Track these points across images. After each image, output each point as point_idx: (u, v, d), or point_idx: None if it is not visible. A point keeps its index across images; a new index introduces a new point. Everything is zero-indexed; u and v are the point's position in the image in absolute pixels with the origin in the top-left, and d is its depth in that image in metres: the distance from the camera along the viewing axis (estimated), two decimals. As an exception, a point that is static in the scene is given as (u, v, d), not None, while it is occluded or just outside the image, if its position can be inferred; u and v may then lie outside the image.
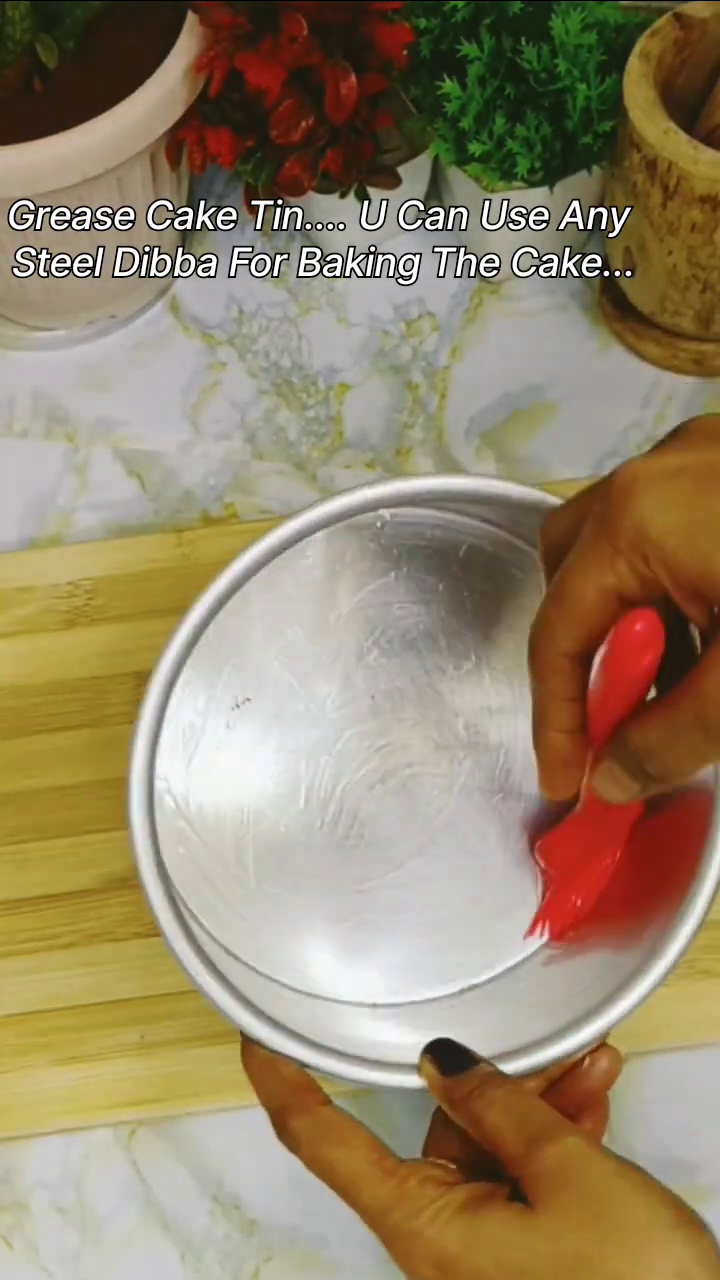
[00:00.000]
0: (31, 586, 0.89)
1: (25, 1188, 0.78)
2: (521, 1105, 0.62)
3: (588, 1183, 0.59)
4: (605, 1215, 0.58)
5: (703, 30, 0.85)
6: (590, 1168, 0.59)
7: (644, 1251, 0.57)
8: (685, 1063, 0.79)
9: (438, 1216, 0.59)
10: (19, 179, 0.83)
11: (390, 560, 0.77)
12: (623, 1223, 0.58)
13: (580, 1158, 0.59)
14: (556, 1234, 0.58)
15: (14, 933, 0.81)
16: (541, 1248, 0.58)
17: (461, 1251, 0.58)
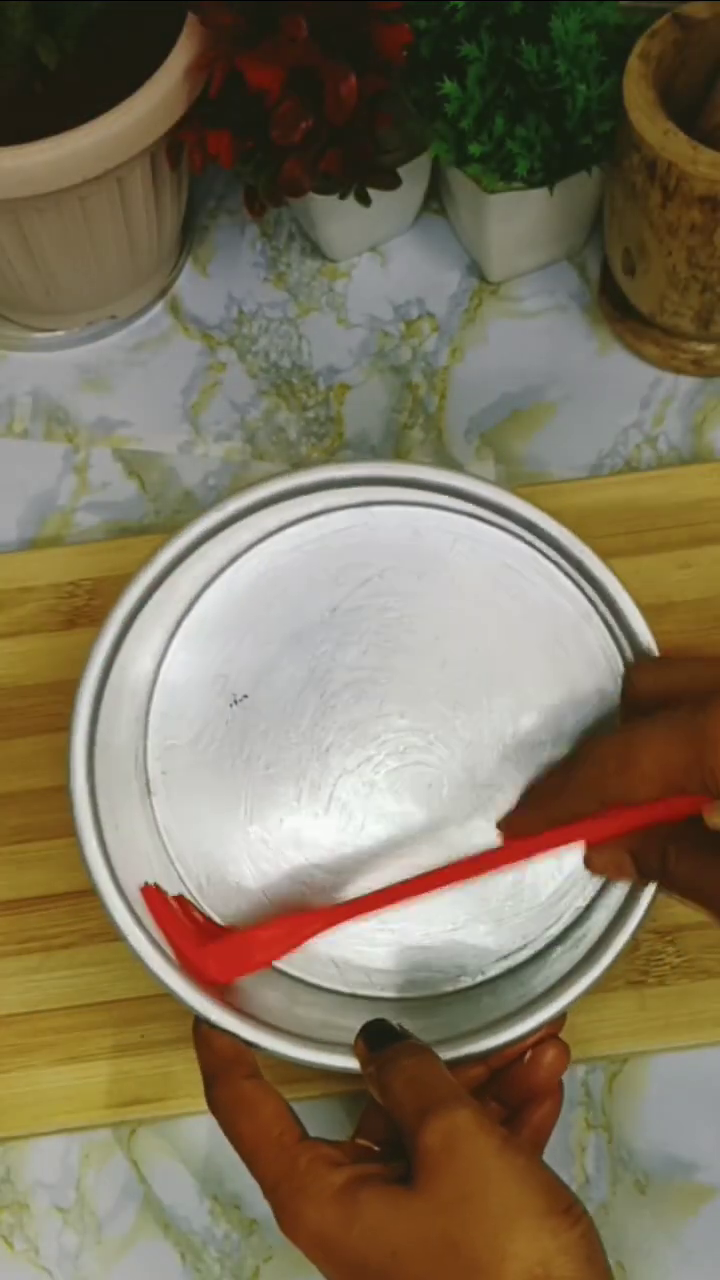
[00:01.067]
0: (31, 586, 0.89)
1: (25, 1188, 0.78)
2: (424, 1075, 0.63)
3: (465, 1163, 0.59)
4: (475, 1199, 0.58)
5: (702, 31, 0.85)
6: (470, 1145, 0.60)
7: (506, 1238, 0.58)
8: (685, 1063, 0.79)
9: (317, 1197, 0.60)
10: (19, 179, 0.82)
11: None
12: (489, 1209, 0.58)
13: (465, 1134, 0.60)
14: (427, 1216, 0.58)
15: (14, 933, 0.81)
16: (412, 1229, 0.58)
17: (340, 1233, 0.59)
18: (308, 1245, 0.60)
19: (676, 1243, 0.76)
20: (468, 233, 0.98)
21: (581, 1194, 0.77)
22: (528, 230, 0.95)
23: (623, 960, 0.78)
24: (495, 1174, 0.59)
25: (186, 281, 1.01)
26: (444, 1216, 0.58)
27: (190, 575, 0.76)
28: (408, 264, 1.01)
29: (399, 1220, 0.59)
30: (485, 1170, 0.59)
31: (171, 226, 0.96)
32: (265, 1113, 0.64)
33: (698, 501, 0.90)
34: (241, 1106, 0.65)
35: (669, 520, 0.89)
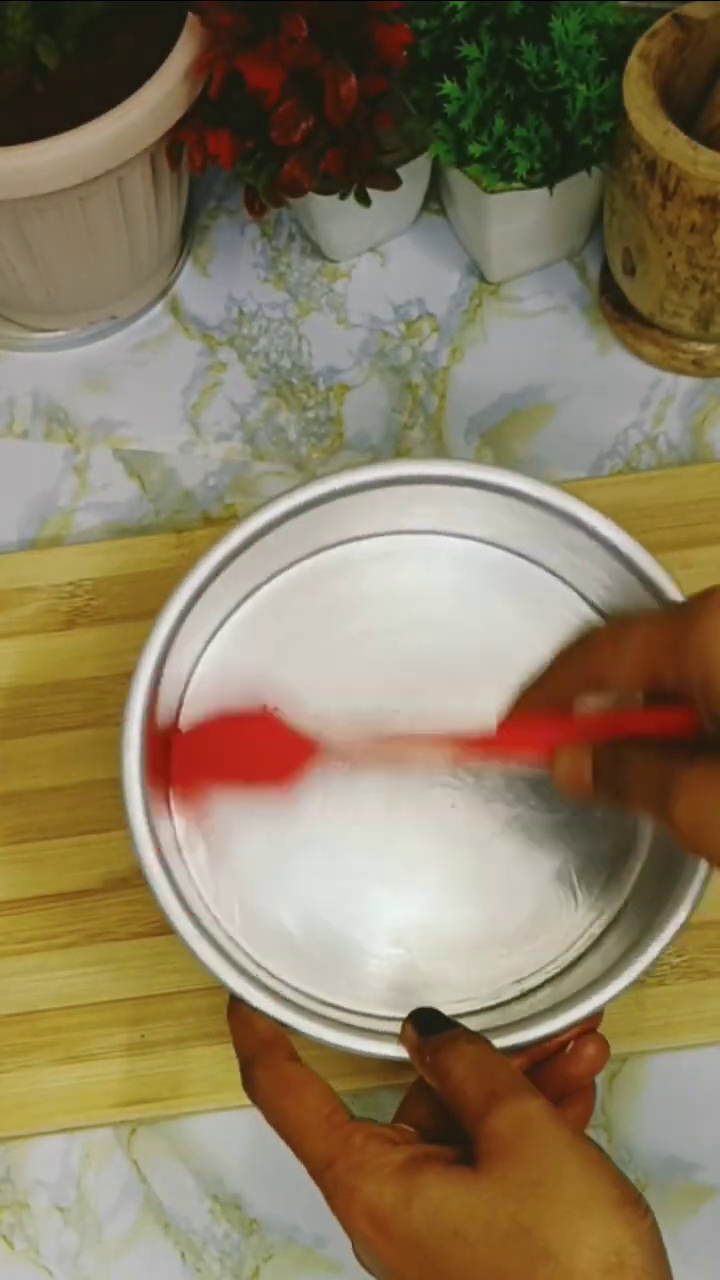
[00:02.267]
0: (32, 587, 0.89)
1: (26, 1187, 0.78)
2: (489, 1063, 0.62)
3: (537, 1150, 0.58)
4: (547, 1186, 0.58)
5: (702, 31, 0.85)
6: (543, 1134, 0.59)
7: (580, 1228, 0.57)
8: (686, 1062, 0.79)
9: (377, 1173, 0.59)
10: (19, 180, 0.82)
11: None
12: (563, 1196, 0.57)
13: (536, 1123, 0.59)
14: (495, 1200, 0.58)
15: (15, 932, 0.82)
16: (478, 1212, 0.58)
17: (398, 1210, 0.58)
18: (363, 1223, 0.59)
19: (676, 1243, 0.75)
20: (468, 233, 0.98)
21: (581, 1194, 0.77)
22: (528, 230, 0.95)
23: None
24: (569, 1163, 0.58)
25: (186, 282, 1.01)
26: (513, 1201, 0.57)
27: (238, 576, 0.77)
28: (408, 264, 1.01)
29: (463, 1201, 0.58)
30: (558, 1159, 0.58)
31: (171, 227, 0.96)
32: (311, 1093, 0.63)
33: (697, 502, 0.90)
34: (285, 1087, 0.64)
35: (669, 520, 0.89)
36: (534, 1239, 0.57)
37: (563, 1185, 0.58)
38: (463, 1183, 0.58)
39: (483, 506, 0.77)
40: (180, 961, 0.73)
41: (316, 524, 0.77)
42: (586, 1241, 0.56)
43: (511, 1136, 0.59)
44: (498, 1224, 0.57)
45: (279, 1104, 0.64)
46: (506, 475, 0.76)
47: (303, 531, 0.77)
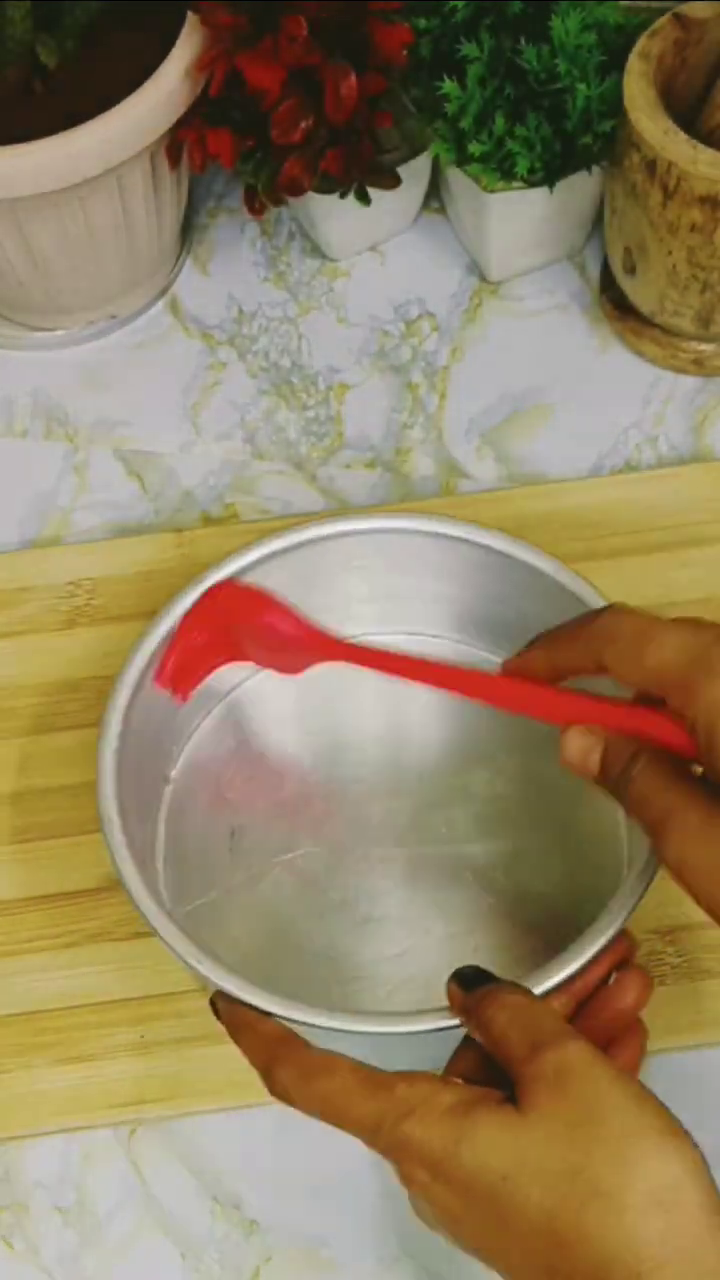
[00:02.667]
0: (32, 586, 0.89)
1: (25, 1188, 0.78)
2: (532, 1011, 0.62)
3: (581, 1089, 0.58)
4: (595, 1122, 0.57)
5: (702, 30, 0.86)
6: (588, 1074, 0.58)
7: (629, 1162, 0.56)
8: (686, 1063, 0.79)
9: (425, 1117, 0.59)
10: (19, 179, 0.83)
11: None
12: (611, 1132, 0.57)
13: (581, 1064, 0.59)
14: (543, 1139, 0.57)
15: (15, 932, 0.81)
16: (528, 1152, 0.57)
17: (451, 1152, 0.58)
18: (420, 1171, 0.59)
19: (677, 1243, 0.76)
20: (468, 232, 0.98)
21: (582, 1194, 0.77)
22: (528, 230, 0.95)
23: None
24: (614, 1099, 0.58)
25: (186, 281, 1.01)
26: (561, 1141, 0.57)
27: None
28: (408, 263, 1.01)
29: (511, 1142, 0.57)
30: (603, 1096, 0.58)
31: (171, 226, 0.96)
32: (343, 1067, 0.62)
33: (698, 501, 0.90)
34: (314, 1071, 0.63)
35: (669, 520, 0.89)
36: (585, 1177, 0.56)
37: (610, 1121, 0.57)
38: (510, 1125, 0.58)
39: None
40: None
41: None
42: (638, 1175, 0.56)
43: (556, 1079, 0.58)
44: (547, 1164, 0.57)
45: (312, 1088, 0.63)
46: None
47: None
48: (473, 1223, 0.58)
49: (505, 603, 0.80)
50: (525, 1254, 0.57)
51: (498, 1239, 0.58)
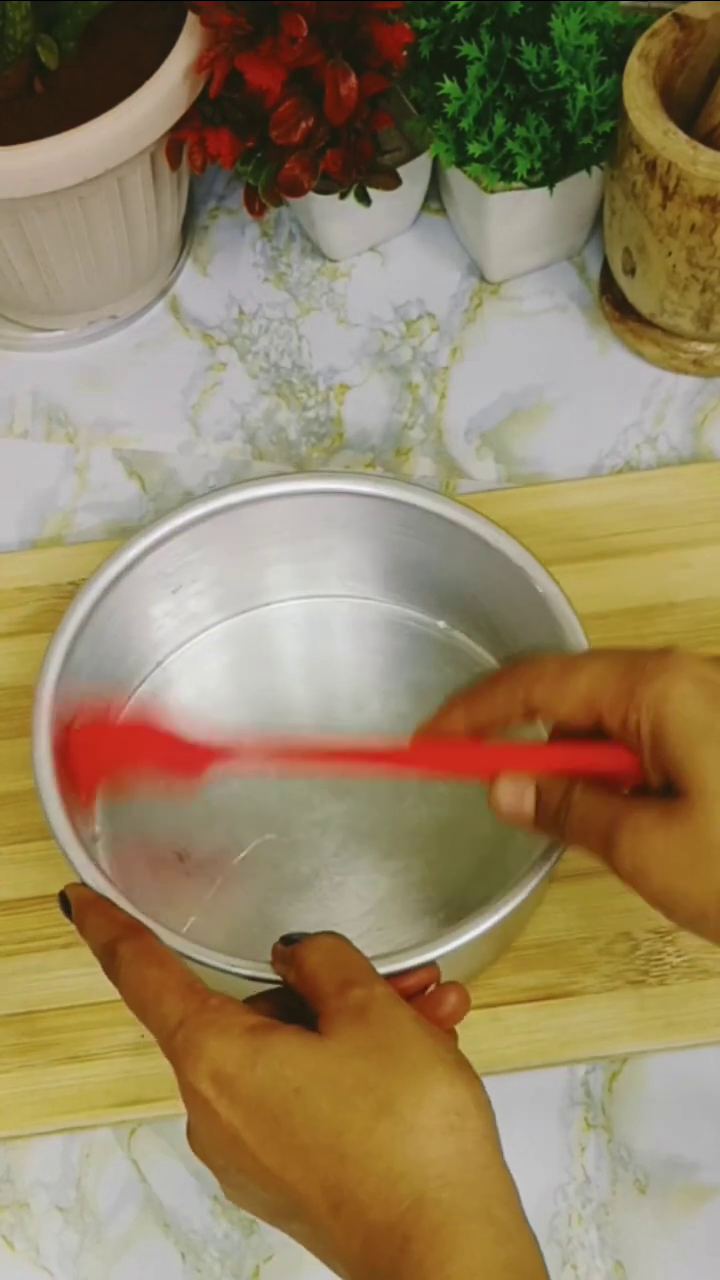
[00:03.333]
0: (32, 586, 0.89)
1: (26, 1187, 0.78)
2: (343, 953, 0.63)
3: (383, 1020, 0.60)
4: (392, 1049, 0.59)
5: (702, 31, 0.85)
6: (389, 1009, 0.60)
7: (423, 1085, 0.58)
8: (686, 1062, 0.79)
9: (226, 1031, 0.60)
10: (19, 179, 0.83)
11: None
12: (407, 1057, 0.58)
13: (383, 1000, 0.60)
14: (340, 1058, 0.58)
15: (14, 933, 0.81)
16: (323, 1069, 0.58)
17: (243, 1068, 0.59)
18: (206, 1083, 0.59)
19: (676, 1242, 0.76)
20: (468, 232, 0.98)
21: (581, 1194, 0.77)
22: (528, 230, 0.95)
23: (623, 958, 0.79)
24: (411, 1032, 0.60)
25: (187, 281, 1.01)
26: (359, 1059, 0.58)
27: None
28: (408, 264, 1.01)
29: (308, 1058, 0.59)
30: (401, 1028, 0.60)
31: (171, 226, 0.96)
32: (176, 967, 0.64)
33: (698, 501, 0.90)
34: (151, 956, 0.64)
35: (669, 520, 0.89)
36: (377, 1094, 0.57)
37: (407, 1048, 0.59)
38: (309, 1043, 0.59)
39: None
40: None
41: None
42: (430, 1097, 0.58)
43: (358, 1010, 0.60)
44: (341, 1080, 0.58)
45: (143, 971, 0.64)
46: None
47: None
48: (253, 1140, 0.59)
49: (430, 561, 0.81)
50: (307, 1170, 0.58)
51: (274, 1156, 0.58)
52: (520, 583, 0.76)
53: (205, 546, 0.80)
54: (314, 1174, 0.57)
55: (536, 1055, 0.78)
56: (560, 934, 0.80)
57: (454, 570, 0.80)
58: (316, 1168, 0.57)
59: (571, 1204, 0.77)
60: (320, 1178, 0.57)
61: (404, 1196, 0.56)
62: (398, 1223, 0.56)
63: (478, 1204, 0.56)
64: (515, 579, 0.76)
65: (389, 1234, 0.56)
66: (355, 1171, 0.57)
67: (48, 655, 0.76)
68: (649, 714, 0.61)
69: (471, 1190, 0.57)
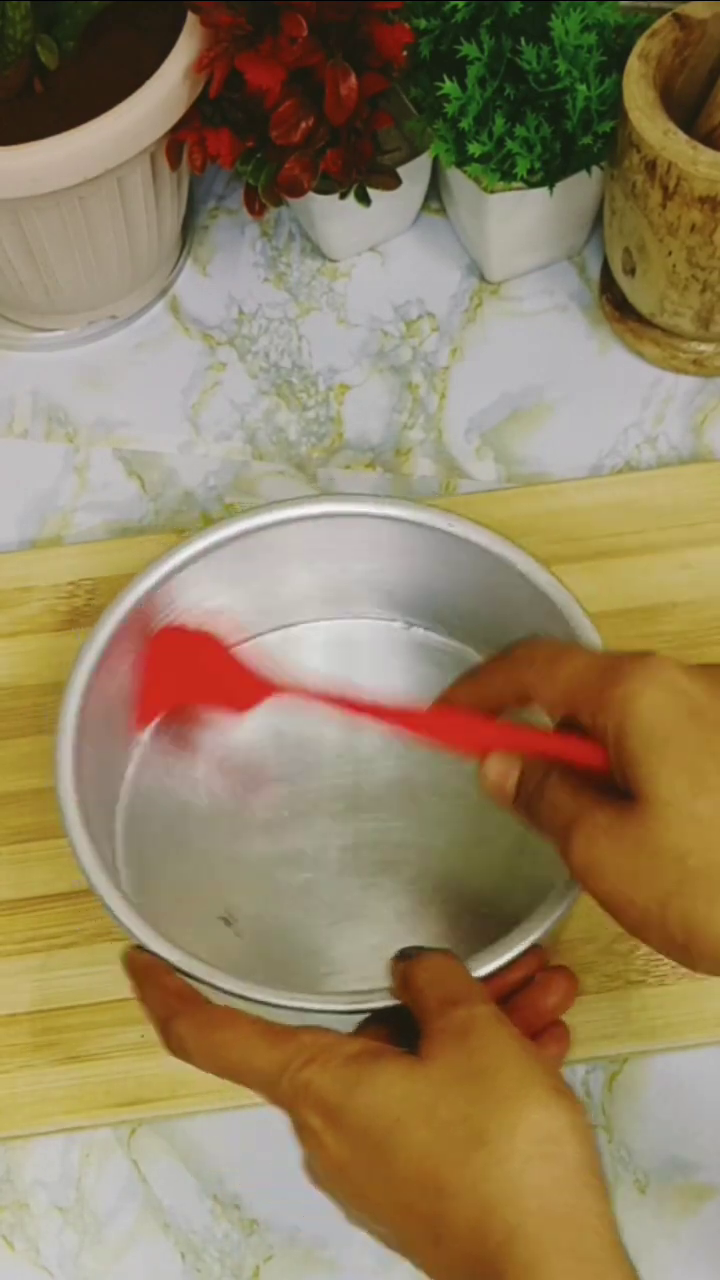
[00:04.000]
0: (32, 586, 0.89)
1: (25, 1187, 0.78)
2: (448, 970, 0.63)
3: (480, 1042, 0.59)
4: (489, 1074, 0.58)
5: (702, 31, 0.85)
6: (489, 1030, 0.60)
7: (517, 1111, 0.58)
8: (686, 1062, 0.79)
9: (328, 1064, 0.60)
10: (19, 179, 0.82)
11: None
12: (503, 1083, 0.58)
13: (484, 1021, 0.60)
14: (436, 1086, 0.58)
15: (14, 933, 0.81)
16: (420, 1099, 0.58)
17: (345, 1098, 0.59)
18: (314, 1116, 0.59)
19: (676, 1242, 0.76)
20: (468, 232, 0.98)
21: (582, 1194, 0.77)
22: (528, 230, 0.94)
23: (623, 959, 0.79)
24: (510, 1055, 0.59)
25: (186, 281, 1.01)
26: (454, 1088, 0.58)
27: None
28: (408, 264, 1.01)
29: (406, 1088, 0.59)
30: (500, 1050, 0.59)
31: (171, 226, 0.96)
32: (243, 1020, 0.63)
33: (698, 502, 0.90)
34: (213, 1023, 0.64)
35: (669, 520, 0.89)
36: (471, 1125, 0.57)
37: (503, 1073, 0.59)
38: (408, 1072, 0.59)
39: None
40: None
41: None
42: (524, 1124, 0.57)
43: (459, 1032, 0.60)
44: (438, 1111, 0.58)
45: (214, 1038, 0.63)
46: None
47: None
48: (357, 1171, 0.59)
49: (452, 584, 0.81)
50: (405, 1203, 0.58)
51: (380, 1188, 0.58)
52: (545, 607, 0.76)
53: (228, 569, 0.80)
54: (415, 1206, 0.58)
55: (537, 1055, 0.78)
56: (560, 934, 0.80)
57: (475, 593, 0.80)
58: (417, 1200, 0.57)
59: (571, 1204, 0.76)
60: (421, 1210, 0.57)
61: (496, 1230, 0.56)
62: (493, 1258, 0.56)
63: (570, 1239, 0.56)
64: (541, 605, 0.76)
65: (486, 1269, 0.56)
66: (452, 1204, 0.57)
67: (67, 690, 0.75)
68: (615, 716, 0.61)
69: (564, 1224, 0.56)
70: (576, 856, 0.61)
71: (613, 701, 0.61)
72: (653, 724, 0.60)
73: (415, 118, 0.91)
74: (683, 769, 0.59)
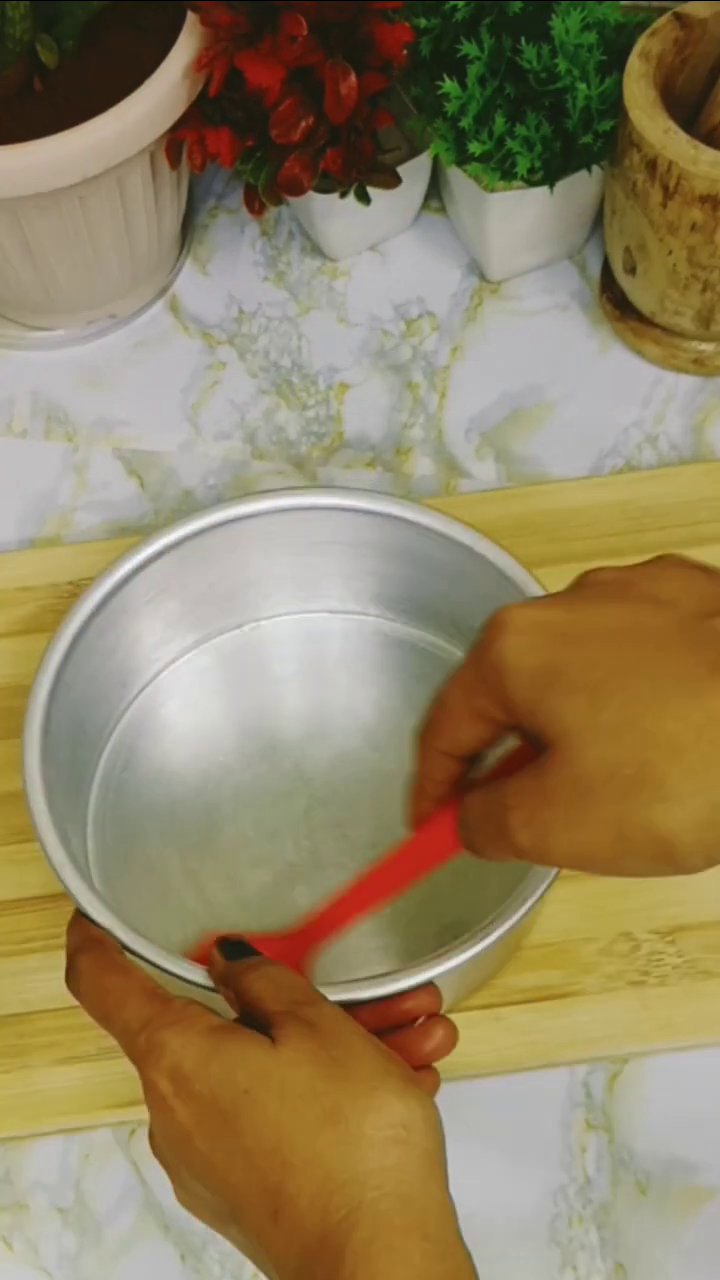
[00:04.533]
0: (31, 586, 0.89)
1: (25, 1188, 0.78)
2: (289, 979, 0.63)
3: (335, 1036, 0.60)
4: (343, 1062, 0.59)
5: (703, 30, 0.85)
6: (341, 1026, 0.61)
7: (371, 1096, 0.58)
8: (686, 1063, 0.79)
9: (187, 1030, 0.60)
10: (19, 179, 0.82)
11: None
12: (358, 1071, 0.59)
13: (334, 1019, 0.61)
14: (291, 1064, 0.59)
15: (14, 932, 0.81)
16: (274, 1073, 0.58)
17: (199, 1066, 0.59)
18: (165, 1080, 0.60)
19: (677, 1244, 0.76)
20: (468, 232, 0.98)
21: (582, 1195, 0.76)
22: (528, 229, 0.94)
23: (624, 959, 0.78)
24: (364, 1047, 0.60)
25: (186, 280, 1.01)
26: (309, 1067, 0.59)
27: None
28: (408, 263, 1.01)
29: (261, 1062, 0.59)
30: (354, 1043, 0.60)
31: (171, 225, 0.96)
32: (137, 975, 0.65)
33: (698, 501, 0.90)
34: (111, 967, 0.65)
35: (669, 520, 0.89)
36: (324, 1102, 0.58)
37: (358, 1062, 0.59)
38: (265, 1048, 0.59)
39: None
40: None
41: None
42: (378, 1109, 0.58)
43: (310, 1025, 0.60)
44: (290, 1085, 0.58)
45: (104, 981, 0.65)
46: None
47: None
48: (201, 1139, 0.59)
49: (427, 576, 0.81)
50: (249, 1171, 0.58)
51: (221, 1158, 0.58)
52: (512, 592, 0.75)
53: (200, 560, 0.80)
54: (256, 1178, 0.58)
55: (537, 1056, 0.78)
56: (561, 934, 0.80)
57: (445, 584, 0.80)
58: (259, 1171, 0.57)
59: (572, 1205, 0.76)
60: (262, 1182, 0.57)
61: (340, 1206, 0.56)
62: (333, 1233, 0.56)
63: (413, 1219, 0.56)
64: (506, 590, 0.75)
65: (324, 1245, 0.56)
66: (296, 1178, 0.57)
67: (36, 683, 0.76)
68: (495, 685, 0.57)
69: (408, 1204, 0.56)
70: (522, 840, 0.57)
71: (489, 676, 0.57)
72: (526, 667, 0.56)
73: (415, 117, 0.91)
74: (574, 691, 0.55)
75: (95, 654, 0.78)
